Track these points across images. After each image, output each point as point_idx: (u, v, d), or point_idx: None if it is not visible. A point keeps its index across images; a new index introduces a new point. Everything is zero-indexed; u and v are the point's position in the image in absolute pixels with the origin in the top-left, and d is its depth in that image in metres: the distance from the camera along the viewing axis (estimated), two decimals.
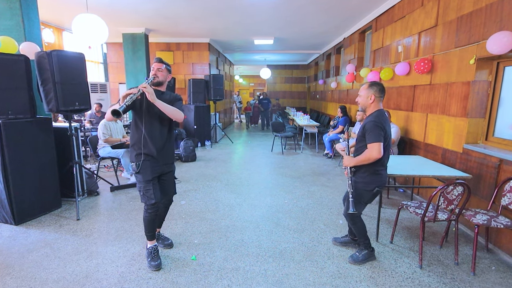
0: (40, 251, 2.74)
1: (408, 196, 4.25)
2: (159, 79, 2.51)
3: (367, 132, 2.27)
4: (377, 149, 2.21)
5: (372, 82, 2.39)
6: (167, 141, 2.56)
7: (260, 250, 2.78)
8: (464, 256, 2.71)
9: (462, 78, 3.27)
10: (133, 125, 2.47)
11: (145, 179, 2.44)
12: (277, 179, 5.09)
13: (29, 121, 3.34)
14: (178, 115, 2.44)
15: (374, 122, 2.25)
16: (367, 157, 2.27)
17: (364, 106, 2.40)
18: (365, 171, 2.37)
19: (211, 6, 5.52)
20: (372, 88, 2.35)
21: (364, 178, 2.38)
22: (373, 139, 2.23)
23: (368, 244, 2.60)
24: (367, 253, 2.58)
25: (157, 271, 2.46)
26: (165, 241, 2.84)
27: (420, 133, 4.09)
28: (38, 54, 3.33)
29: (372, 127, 2.25)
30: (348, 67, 6.97)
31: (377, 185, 2.37)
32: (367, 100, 2.36)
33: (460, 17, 3.31)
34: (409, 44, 4.40)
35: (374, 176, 2.36)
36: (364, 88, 2.38)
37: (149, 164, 2.45)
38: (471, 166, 3.11)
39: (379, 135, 2.22)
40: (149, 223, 2.54)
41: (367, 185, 2.38)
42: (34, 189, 3.42)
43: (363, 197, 2.45)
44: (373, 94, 2.34)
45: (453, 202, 2.44)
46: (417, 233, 3.13)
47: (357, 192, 2.43)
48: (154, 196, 2.45)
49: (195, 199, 4.09)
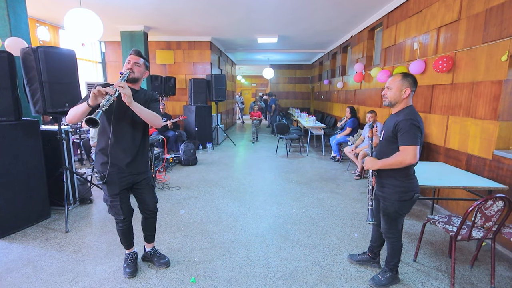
0: (20, 270, 2.44)
1: (424, 205, 3.92)
2: (134, 75, 2.13)
3: (401, 132, 1.92)
4: (413, 153, 1.88)
5: (405, 73, 2.05)
6: (140, 149, 2.22)
7: (268, 270, 2.46)
8: (500, 278, 2.38)
9: (491, 76, 2.95)
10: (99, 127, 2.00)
11: (111, 193, 2.15)
12: (283, 185, 4.77)
13: (13, 124, 3.04)
14: (156, 120, 2.08)
15: (411, 121, 1.91)
16: (399, 160, 1.93)
17: (396, 101, 2.03)
18: (399, 178, 2.02)
19: (213, 2, 5.21)
20: (407, 80, 2.00)
21: (399, 186, 2.03)
22: (409, 141, 1.89)
23: (395, 267, 2.26)
24: (390, 276, 2.26)
25: (130, 278, 2.33)
26: (161, 259, 2.51)
27: (439, 137, 3.77)
28: (23, 50, 3.03)
29: (408, 126, 1.90)
30: (356, 66, 6.65)
31: (416, 191, 2.03)
32: (401, 94, 2.00)
33: (489, 9, 2.99)
34: (426, 40, 4.08)
35: (409, 182, 2.02)
36: (397, 79, 2.02)
37: (116, 177, 2.13)
38: (503, 175, 2.79)
39: (416, 136, 1.90)
40: (123, 236, 2.34)
41: (404, 194, 2.02)
42: (19, 199, 3.11)
43: (403, 209, 2.07)
44: (408, 87, 1.99)
45: (491, 219, 2.12)
46: (442, 249, 2.81)
47: (395, 205, 2.06)
48: (122, 212, 2.20)
49: (195, 208, 3.78)
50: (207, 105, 7.86)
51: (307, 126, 7.46)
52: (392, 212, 2.08)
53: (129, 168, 2.16)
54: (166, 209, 3.74)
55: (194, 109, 7.55)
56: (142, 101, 2.11)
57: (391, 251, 2.22)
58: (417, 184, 2.08)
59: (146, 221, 2.44)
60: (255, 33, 7.87)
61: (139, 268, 2.46)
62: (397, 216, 2.10)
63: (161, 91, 7.64)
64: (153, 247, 2.56)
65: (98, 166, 2.16)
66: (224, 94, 8.07)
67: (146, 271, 2.44)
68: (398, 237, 2.17)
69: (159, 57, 8.37)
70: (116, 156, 2.11)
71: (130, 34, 7.06)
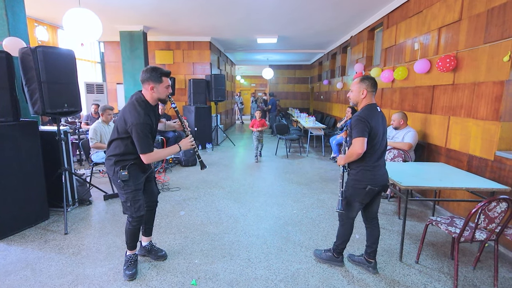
0: (19, 273, 2.40)
1: (426, 206, 3.91)
2: None
3: (352, 127, 2.20)
4: (360, 143, 2.12)
5: (363, 76, 2.29)
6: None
7: (270, 272, 2.44)
8: (503, 280, 2.37)
9: (493, 77, 2.93)
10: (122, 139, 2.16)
11: (137, 183, 2.21)
12: (284, 185, 4.75)
13: (11, 125, 3.01)
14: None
15: (358, 116, 2.18)
16: (351, 152, 2.19)
17: (356, 101, 2.31)
18: (355, 168, 2.29)
19: (212, 2, 5.19)
20: (364, 83, 2.25)
21: (355, 175, 2.29)
22: (356, 134, 2.15)
23: (339, 250, 2.51)
24: (331, 256, 2.55)
25: (130, 281, 2.30)
26: (158, 253, 2.57)
27: (440, 137, 3.75)
28: (22, 50, 2.99)
29: (356, 122, 2.17)
30: (356, 67, 6.64)
31: (369, 183, 2.22)
32: (359, 95, 2.27)
33: (490, 9, 2.98)
34: (427, 41, 4.07)
35: (364, 173, 2.24)
36: (356, 83, 2.29)
37: (137, 167, 2.21)
38: (505, 176, 2.77)
39: (363, 130, 2.13)
40: (132, 236, 2.33)
41: (358, 182, 2.26)
42: (18, 200, 3.08)
43: (355, 196, 2.31)
44: (365, 88, 2.24)
45: (494, 220, 2.11)
46: (444, 251, 2.79)
47: (349, 191, 2.33)
48: (144, 208, 2.25)
49: (195, 209, 3.75)
50: (206, 106, 7.83)
51: (307, 126, 7.44)
52: (348, 196, 2.34)
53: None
54: (166, 210, 3.72)
55: (194, 110, 7.52)
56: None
57: (338, 232, 2.51)
58: (374, 178, 2.23)
59: (150, 213, 2.50)
60: (254, 33, 7.85)
61: (139, 270, 2.43)
62: (352, 201, 2.33)
63: None
64: (150, 241, 2.60)
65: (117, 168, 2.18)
66: (223, 94, 8.04)
67: (146, 273, 2.41)
68: (346, 222, 2.43)
69: (158, 57, 8.34)
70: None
71: (129, 34, 7.03)
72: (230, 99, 12.84)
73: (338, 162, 2.40)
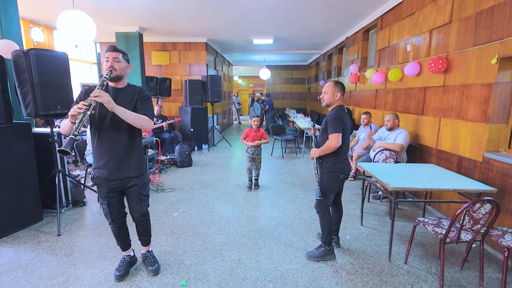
0: (10, 275, 2.42)
1: (417, 206, 3.94)
2: (117, 73, 2.03)
3: (328, 124, 2.46)
4: (336, 138, 2.41)
5: (336, 81, 2.59)
6: (128, 151, 2.13)
7: (259, 273, 2.47)
8: (489, 280, 2.40)
9: (481, 79, 2.97)
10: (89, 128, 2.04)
11: (100, 195, 2.21)
12: (278, 186, 4.78)
13: (4, 127, 3.03)
14: (144, 124, 2.02)
15: (335, 115, 2.46)
16: (328, 145, 2.45)
17: (330, 102, 2.57)
18: (329, 161, 2.54)
19: (208, 3, 5.21)
20: (338, 86, 2.54)
21: (330, 168, 2.54)
22: (333, 130, 2.42)
23: (328, 241, 2.63)
24: (323, 251, 2.65)
25: (118, 281, 2.33)
26: (149, 266, 2.42)
27: (432, 139, 3.79)
28: (14, 53, 3.01)
29: (332, 120, 2.45)
30: (351, 68, 6.67)
31: (342, 173, 2.54)
32: (334, 97, 2.54)
33: (479, 12, 3.01)
34: (419, 43, 4.10)
35: (337, 165, 2.53)
36: (331, 86, 2.56)
37: (104, 180, 2.15)
38: (493, 177, 2.81)
39: (339, 126, 2.42)
40: (116, 237, 2.38)
41: (333, 173, 2.54)
42: (11, 202, 3.10)
43: (330, 186, 2.57)
44: (339, 91, 2.53)
45: (479, 222, 2.14)
46: (432, 251, 2.83)
47: (325, 182, 2.57)
48: (110, 215, 2.23)
49: (188, 210, 3.77)
50: (202, 106, 7.85)
51: (302, 127, 7.47)
52: (324, 187, 2.57)
53: (116, 173, 2.12)
54: (160, 211, 3.74)
55: (190, 110, 7.54)
56: (129, 99, 2.07)
57: (321, 224, 2.67)
58: (344, 168, 2.56)
59: (137, 226, 2.40)
60: (250, 34, 7.88)
61: (132, 270, 2.45)
62: (327, 191, 2.58)
63: (157, 92, 7.63)
64: (146, 251, 2.52)
65: (93, 168, 2.21)
66: (219, 95, 8.07)
67: (137, 274, 2.44)
68: (324, 212, 2.64)
69: (155, 58, 8.35)
70: (102, 158, 2.10)
71: (125, 35, 7.05)
72: (227, 99, 12.86)
73: (312, 155, 2.65)
